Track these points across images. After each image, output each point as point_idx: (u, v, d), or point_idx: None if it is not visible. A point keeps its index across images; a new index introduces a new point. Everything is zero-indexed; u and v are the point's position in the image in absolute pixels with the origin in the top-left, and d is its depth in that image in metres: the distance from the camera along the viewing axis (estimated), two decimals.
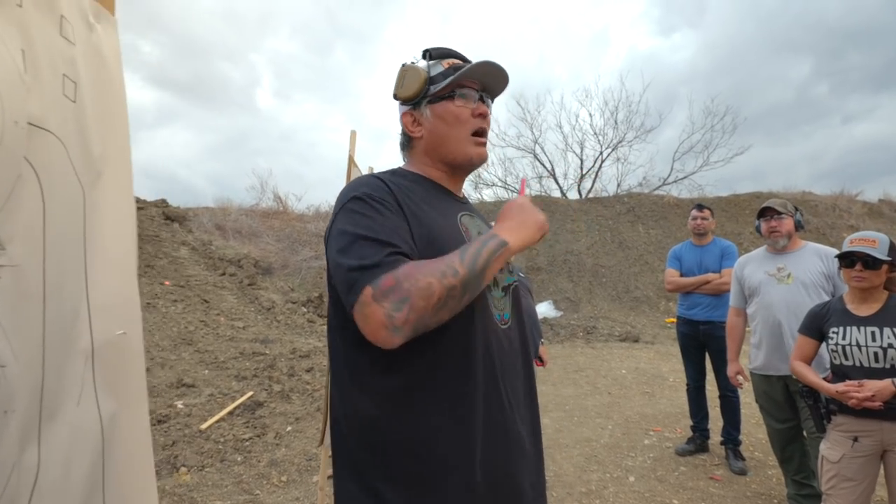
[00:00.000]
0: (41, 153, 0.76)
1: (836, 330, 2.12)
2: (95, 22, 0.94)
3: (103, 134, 0.93)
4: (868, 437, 2.01)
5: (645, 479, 3.48)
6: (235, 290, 9.28)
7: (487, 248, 0.94)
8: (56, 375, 0.78)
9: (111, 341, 0.92)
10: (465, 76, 1.11)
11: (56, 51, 0.82)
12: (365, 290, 0.86)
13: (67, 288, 0.81)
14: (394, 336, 0.85)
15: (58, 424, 0.78)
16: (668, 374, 6.46)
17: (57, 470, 0.77)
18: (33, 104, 0.74)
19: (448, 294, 0.87)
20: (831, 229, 12.66)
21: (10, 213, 0.69)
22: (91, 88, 0.90)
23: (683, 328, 3.91)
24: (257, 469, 3.63)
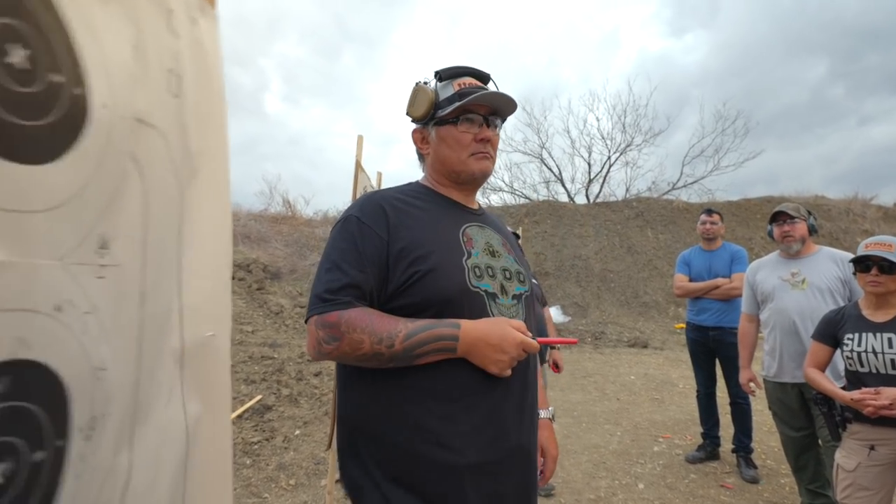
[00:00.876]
0: (145, 150, 0.75)
1: (852, 336, 2.09)
2: (199, 16, 0.94)
3: (202, 130, 0.92)
4: (885, 446, 1.97)
5: (654, 486, 3.44)
6: (244, 294, 9.32)
7: (436, 346, 0.99)
8: (149, 377, 0.77)
9: (200, 342, 0.91)
10: (469, 104, 1.15)
11: (164, 45, 0.81)
12: (313, 316, 1.02)
13: (163, 288, 0.81)
14: (320, 356, 1.02)
15: (149, 427, 0.77)
16: (677, 380, 6.40)
17: (147, 473, 0.76)
18: (140, 99, 0.73)
19: (373, 356, 0.98)
20: (845, 234, 12.52)
21: (115, 212, 0.68)
22: (193, 83, 0.89)
23: (693, 334, 3.87)
24: (266, 472, 3.63)
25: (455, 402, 1.02)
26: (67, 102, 0.61)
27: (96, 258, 0.65)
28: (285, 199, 15.56)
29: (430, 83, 1.21)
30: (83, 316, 0.63)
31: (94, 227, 0.65)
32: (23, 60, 0.56)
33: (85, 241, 0.64)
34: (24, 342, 0.56)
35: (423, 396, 1.02)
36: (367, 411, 1.06)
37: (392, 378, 1.03)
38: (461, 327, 1.01)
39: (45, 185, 0.58)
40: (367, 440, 1.05)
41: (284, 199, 15.59)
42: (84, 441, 0.63)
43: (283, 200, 15.64)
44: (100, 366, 0.65)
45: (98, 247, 0.66)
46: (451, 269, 1.06)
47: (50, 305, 0.59)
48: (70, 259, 0.61)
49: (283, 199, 15.66)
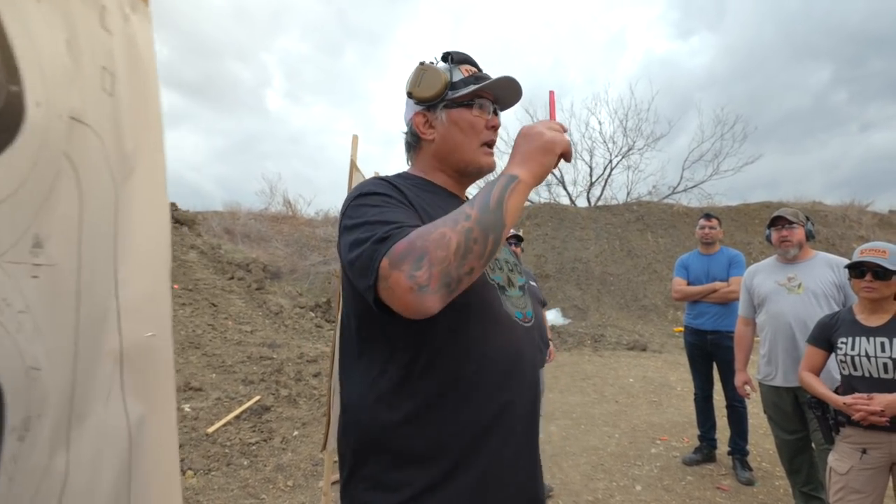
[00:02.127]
0: (80, 148, 0.74)
1: (845, 340, 2.11)
2: (131, 12, 0.92)
3: (137, 128, 0.90)
4: (876, 450, 1.99)
5: (652, 488, 3.46)
6: (244, 294, 9.33)
7: (497, 187, 0.89)
8: (86, 378, 0.76)
9: (140, 343, 0.89)
10: (485, 88, 1.10)
11: (97, 42, 0.79)
12: (381, 264, 0.82)
13: (99, 287, 0.79)
14: (423, 297, 0.80)
15: (86, 428, 0.76)
16: (675, 383, 6.42)
17: (85, 474, 0.75)
18: (75, 97, 0.72)
19: (467, 238, 0.82)
20: (841, 240, 12.55)
21: (49, 211, 0.67)
22: (126, 81, 0.87)
23: (691, 337, 3.89)
24: (263, 473, 3.65)
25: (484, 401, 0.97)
26: (3, 101, 0.60)
27: (30, 257, 0.64)
28: (286, 199, 15.57)
29: (439, 64, 1.14)
30: (18, 315, 0.62)
31: (28, 226, 0.64)
32: None
33: (20, 240, 0.63)
34: None
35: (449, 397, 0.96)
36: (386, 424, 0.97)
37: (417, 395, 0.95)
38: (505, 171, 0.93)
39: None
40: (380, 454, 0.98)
41: (285, 199, 15.60)
42: (18, 442, 0.62)
43: (283, 200, 15.64)
44: (34, 365, 0.64)
45: (32, 246, 0.65)
46: None
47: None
48: (6, 258, 0.60)
49: (283, 198, 15.66)
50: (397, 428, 0.95)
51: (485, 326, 0.99)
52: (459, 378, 0.96)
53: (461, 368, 0.96)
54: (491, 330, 0.99)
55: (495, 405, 0.98)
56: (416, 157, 1.18)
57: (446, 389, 0.95)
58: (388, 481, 0.96)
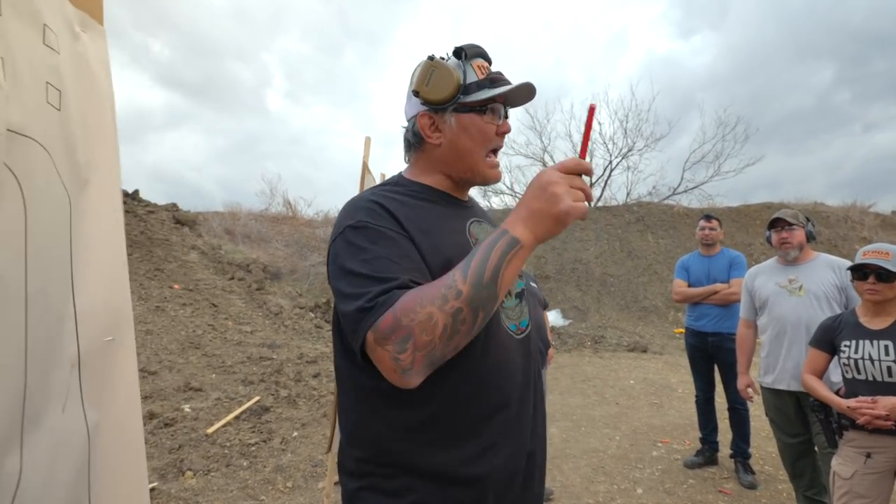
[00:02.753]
0: (22, 160, 0.75)
1: (849, 343, 2.10)
2: (81, 31, 0.95)
3: (90, 142, 0.93)
4: (881, 454, 1.98)
5: (653, 491, 3.44)
6: (244, 294, 9.33)
7: (496, 253, 0.83)
8: (40, 382, 0.77)
9: (99, 348, 0.91)
10: (501, 95, 1.04)
11: (38, 59, 0.82)
12: (367, 336, 0.81)
13: (52, 294, 0.81)
14: (406, 378, 0.81)
15: (41, 431, 0.77)
16: (676, 384, 6.40)
17: (39, 477, 0.76)
18: (13, 111, 0.74)
19: (454, 320, 0.79)
20: (843, 241, 12.53)
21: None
22: (77, 96, 0.90)
23: (692, 339, 3.87)
24: (263, 474, 3.63)
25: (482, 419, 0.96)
26: None
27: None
28: (286, 200, 15.56)
29: (450, 60, 1.04)
30: None
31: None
32: None
33: None
34: None
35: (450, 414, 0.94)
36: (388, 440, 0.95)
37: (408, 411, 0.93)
38: (509, 227, 0.86)
39: None
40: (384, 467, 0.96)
41: (285, 200, 15.59)
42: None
43: (283, 201, 15.64)
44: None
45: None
46: None
47: None
48: None
49: (283, 199, 15.66)
50: (393, 442, 0.95)
51: (483, 345, 0.96)
52: (456, 395, 0.95)
53: (458, 387, 0.94)
54: (487, 348, 0.97)
55: (490, 420, 0.97)
56: (417, 158, 1.11)
57: (442, 406, 0.94)
58: (389, 488, 0.95)
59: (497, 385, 0.98)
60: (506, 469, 0.97)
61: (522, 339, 1.06)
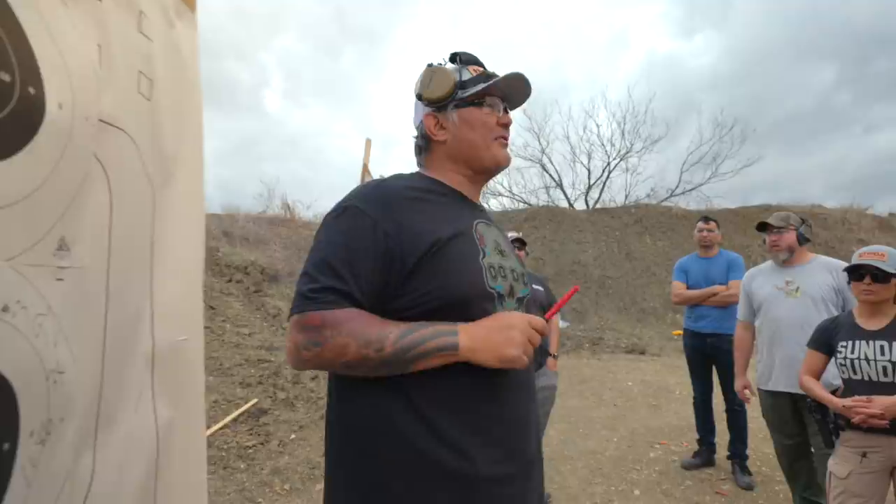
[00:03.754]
0: (111, 151, 0.73)
1: (845, 344, 2.10)
2: (176, 18, 0.91)
3: (177, 134, 0.89)
4: (876, 453, 1.98)
5: (650, 492, 3.44)
6: (241, 296, 9.31)
7: (433, 344, 0.90)
8: (115, 381, 0.74)
9: (172, 347, 0.89)
10: (495, 86, 1.11)
11: (133, 47, 0.79)
12: (294, 316, 0.91)
13: (131, 291, 0.78)
14: (295, 365, 0.92)
15: (114, 431, 0.74)
16: (674, 386, 6.40)
17: (111, 477, 0.74)
18: (106, 100, 0.72)
19: (360, 362, 0.88)
20: (841, 243, 12.56)
21: (77, 213, 0.66)
22: (167, 86, 0.87)
23: (690, 341, 3.88)
24: (260, 477, 3.62)
25: (472, 413, 0.96)
26: (17, 102, 0.59)
27: (54, 260, 0.63)
28: (284, 202, 15.55)
29: (447, 65, 1.15)
30: (36, 318, 0.60)
31: (52, 228, 0.63)
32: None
33: (40, 242, 0.61)
34: None
35: (440, 406, 0.95)
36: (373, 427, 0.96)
37: (405, 388, 0.94)
38: (458, 324, 0.93)
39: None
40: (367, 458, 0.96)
41: (283, 202, 15.58)
42: (37, 445, 0.60)
43: (282, 203, 15.63)
44: (56, 368, 0.63)
45: (56, 248, 0.63)
46: (471, 268, 1.00)
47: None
48: (22, 260, 0.59)
49: (282, 201, 15.64)
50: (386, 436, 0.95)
51: None
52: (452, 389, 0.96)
53: (457, 380, 0.95)
54: None
55: (485, 417, 0.98)
56: (429, 159, 1.17)
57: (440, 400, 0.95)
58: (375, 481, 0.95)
59: (490, 381, 0.98)
60: (496, 466, 0.97)
61: None
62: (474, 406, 0.97)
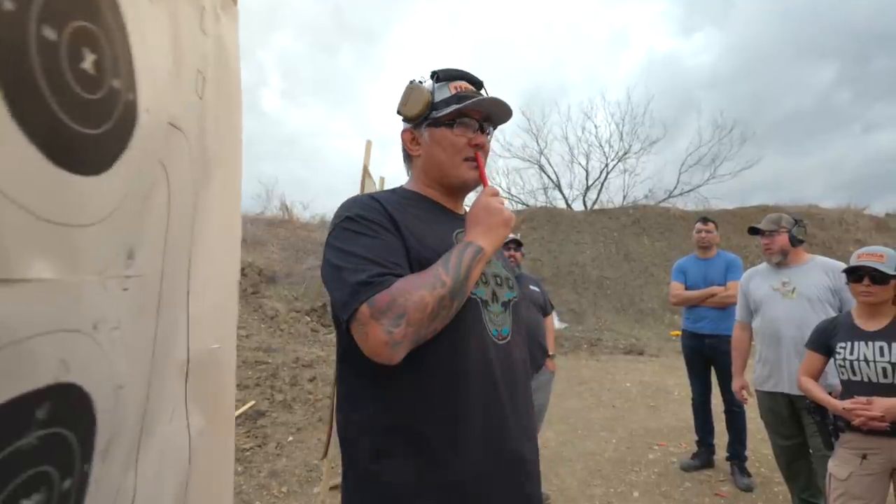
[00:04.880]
0: (173, 154, 0.70)
1: (844, 345, 2.10)
2: (222, 12, 0.87)
3: (219, 133, 0.86)
4: (876, 455, 1.98)
5: (649, 494, 3.43)
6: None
7: (467, 256, 0.97)
8: (157, 393, 0.71)
9: (206, 355, 0.86)
10: (467, 108, 1.12)
11: (196, 44, 0.76)
12: (361, 308, 0.88)
13: (175, 298, 0.75)
14: (394, 351, 0.88)
15: (152, 444, 0.72)
16: (673, 387, 6.39)
17: (150, 490, 0.71)
18: (174, 102, 0.69)
19: (440, 304, 0.91)
20: (838, 243, 12.58)
21: (144, 220, 0.63)
22: (214, 84, 0.84)
23: (689, 342, 3.87)
24: (257, 479, 3.61)
25: (460, 410, 0.98)
26: (122, 109, 0.56)
27: (124, 269, 0.60)
28: (282, 203, 15.53)
29: (426, 82, 1.17)
30: (111, 332, 0.58)
31: (126, 238, 0.60)
32: (91, 66, 0.51)
33: (119, 253, 0.59)
34: (65, 364, 0.50)
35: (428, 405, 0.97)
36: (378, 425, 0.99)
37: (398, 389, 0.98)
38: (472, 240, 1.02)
39: (96, 196, 0.53)
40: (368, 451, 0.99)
41: (281, 203, 15.55)
42: (101, 464, 0.58)
43: (280, 204, 15.60)
44: (120, 383, 0.60)
45: (126, 257, 0.60)
46: None
47: (90, 324, 0.54)
48: (106, 273, 0.56)
49: (280, 202, 15.62)
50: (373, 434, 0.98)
51: (463, 342, 1.01)
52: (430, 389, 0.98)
53: (434, 380, 0.98)
54: (466, 345, 1.01)
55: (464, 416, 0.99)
56: (411, 170, 1.23)
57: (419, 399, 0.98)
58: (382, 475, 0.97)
59: (474, 378, 1.01)
60: (483, 465, 0.99)
61: (503, 345, 1.09)
62: (451, 409, 0.99)
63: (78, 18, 0.50)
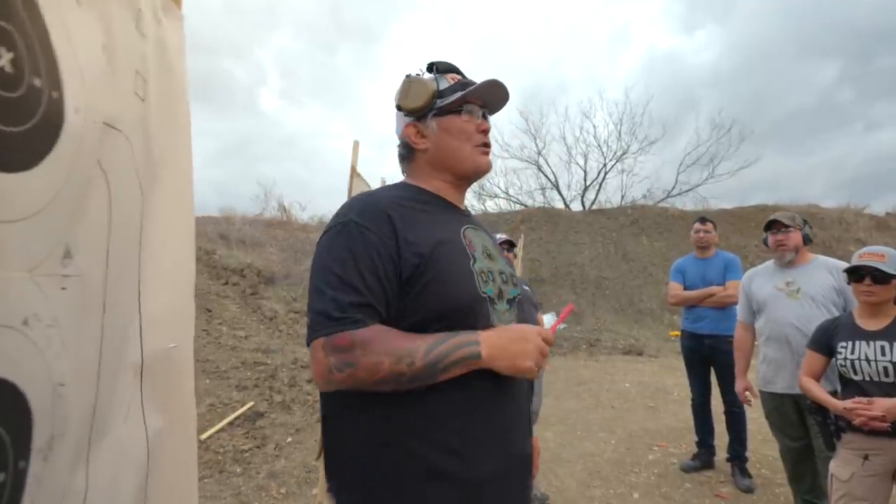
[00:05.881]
0: (111, 155, 0.70)
1: (845, 344, 2.09)
2: (163, 16, 0.89)
3: (165, 134, 0.87)
4: (879, 456, 1.97)
5: (649, 495, 3.42)
6: (238, 299, 9.27)
7: (459, 354, 0.92)
8: (108, 393, 0.72)
9: (162, 354, 0.87)
10: (472, 93, 1.12)
11: (132, 46, 0.77)
12: (318, 339, 0.90)
13: (123, 298, 0.76)
14: (326, 387, 0.92)
15: (106, 444, 0.72)
16: (672, 387, 6.39)
17: (104, 491, 0.72)
18: (110, 103, 0.70)
19: (393, 378, 0.89)
20: (838, 242, 12.59)
21: (80, 219, 0.64)
22: (156, 86, 0.85)
23: (688, 342, 3.86)
24: (256, 481, 3.59)
25: (471, 415, 0.97)
26: (45, 107, 0.57)
27: (60, 268, 0.61)
28: (280, 204, 15.51)
29: (425, 75, 1.17)
30: (46, 330, 0.59)
31: (60, 236, 0.61)
32: (8, 64, 0.53)
33: (52, 251, 0.60)
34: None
35: (440, 412, 0.96)
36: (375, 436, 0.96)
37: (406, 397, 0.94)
38: (479, 333, 0.96)
39: (22, 193, 0.54)
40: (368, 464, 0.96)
41: (280, 204, 15.54)
42: (42, 462, 0.59)
43: (278, 205, 15.59)
44: (60, 382, 0.61)
45: (63, 256, 0.61)
46: (463, 275, 1.02)
47: (19, 320, 0.55)
48: (38, 271, 0.57)
49: (278, 203, 15.60)
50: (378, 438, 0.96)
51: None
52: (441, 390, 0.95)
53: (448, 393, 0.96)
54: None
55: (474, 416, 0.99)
56: (411, 167, 1.20)
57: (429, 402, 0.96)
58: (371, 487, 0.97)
59: (483, 382, 0.99)
60: (489, 467, 0.98)
61: None
62: (465, 415, 0.98)
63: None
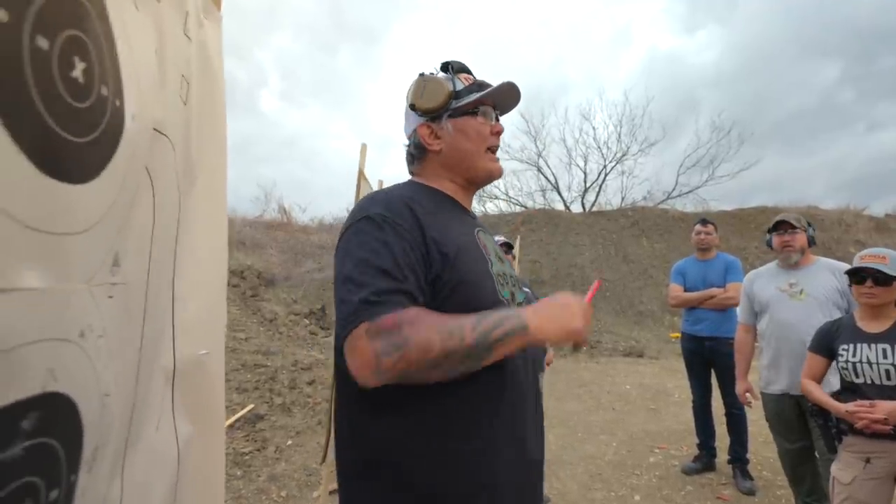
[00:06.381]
0: (158, 160, 0.69)
1: (846, 347, 2.08)
2: (205, 17, 0.88)
3: (203, 137, 0.86)
4: (881, 459, 1.96)
5: (651, 497, 3.41)
6: (238, 301, 9.26)
7: (506, 327, 0.86)
8: (143, 401, 0.71)
9: (193, 361, 0.85)
10: (489, 95, 1.12)
11: (179, 49, 0.76)
12: (361, 324, 0.82)
13: (160, 305, 0.74)
14: (374, 378, 0.82)
15: (139, 452, 0.71)
16: (673, 389, 6.38)
17: (137, 498, 0.71)
18: (159, 108, 0.68)
19: (446, 357, 0.82)
20: (837, 244, 12.58)
21: (128, 226, 0.63)
22: (198, 88, 0.84)
23: (688, 344, 3.85)
24: (256, 484, 3.59)
25: (489, 420, 0.95)
26: (110, 116, 0.56)
27: (110, 277, 0.59)
28: (281, 206, 15.52)
29: (440, 74, 1.14)
30: (97, 340, 0.57)
31: (112, 244, 0.59)
32: (80, 74, 0.51)
33: (104, 261, 0.58)
34: (52, 373, 0.50)
35: (461, 417, 0.93)
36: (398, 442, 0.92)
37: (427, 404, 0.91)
38: (526, 316, 0.90)
39: (83, 205, 0.53)
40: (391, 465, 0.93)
41: (280, 206, 15.55)
42: (87, 474, 0.57)
43: (278, 207, 15.59)
44: (106, 392, 0.60)
45: (112, 265, 0.60)
46: (484, 278, 1.00)
47: (77, 332, 0.53)
48: (94, 281, 0.56)
49: (278, 205, 15.61)
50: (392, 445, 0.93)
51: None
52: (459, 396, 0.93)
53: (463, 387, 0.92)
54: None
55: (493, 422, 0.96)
56: (422, 168, 1.16)
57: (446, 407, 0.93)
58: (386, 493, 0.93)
59: (501, 387, 0.98)
60: (507, 474, 0.96)
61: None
62: (486, 421, 0.96)
63: (69, 28, 0.50)
